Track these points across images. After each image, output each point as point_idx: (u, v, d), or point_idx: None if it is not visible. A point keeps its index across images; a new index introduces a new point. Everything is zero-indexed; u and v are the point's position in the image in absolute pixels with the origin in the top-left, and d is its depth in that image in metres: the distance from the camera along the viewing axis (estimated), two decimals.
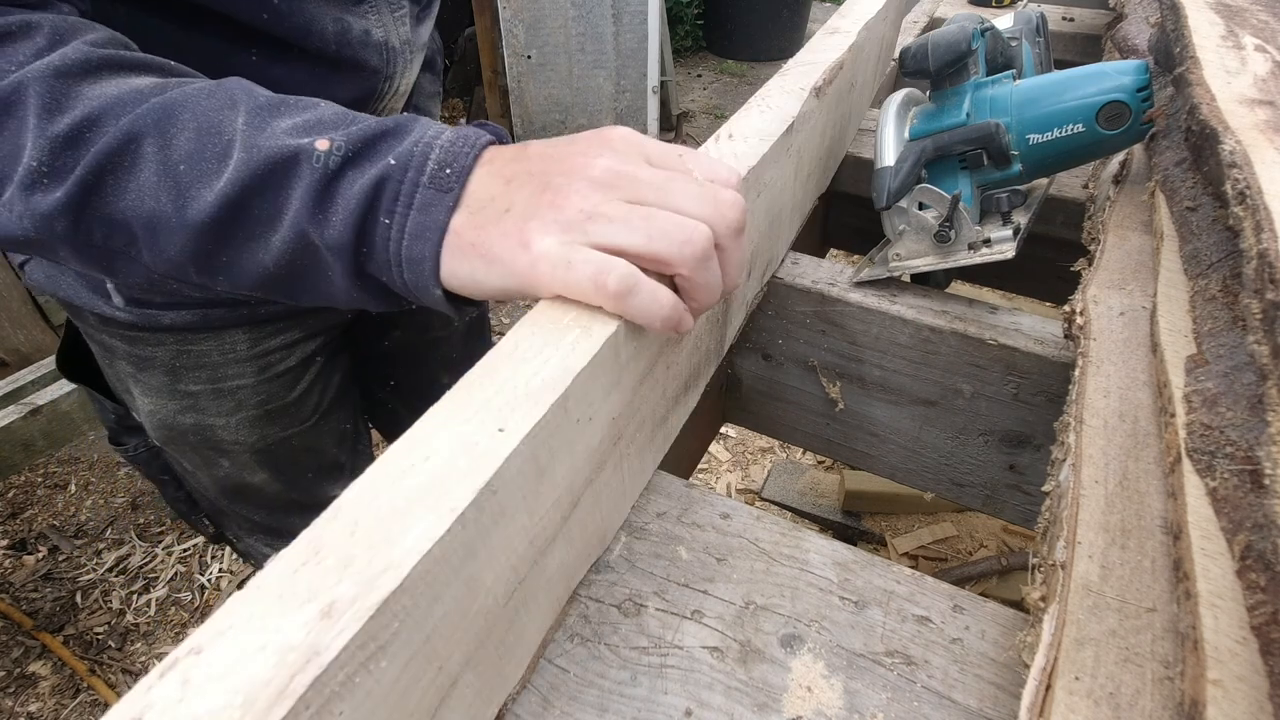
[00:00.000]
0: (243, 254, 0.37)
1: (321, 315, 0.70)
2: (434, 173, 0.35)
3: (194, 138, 0.35)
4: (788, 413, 0.75)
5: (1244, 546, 0.29)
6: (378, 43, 0.56)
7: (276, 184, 0.35)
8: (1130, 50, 0.82)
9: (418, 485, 0.26)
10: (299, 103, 0.37)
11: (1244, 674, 0.27)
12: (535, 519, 0.31)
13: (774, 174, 0.53)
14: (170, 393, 0.66)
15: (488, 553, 0.28)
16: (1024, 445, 0.63)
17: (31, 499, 1.75)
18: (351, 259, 0.36)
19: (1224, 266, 0.43)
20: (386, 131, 0.36)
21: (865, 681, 0.36)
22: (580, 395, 0.32)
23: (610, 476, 0.39)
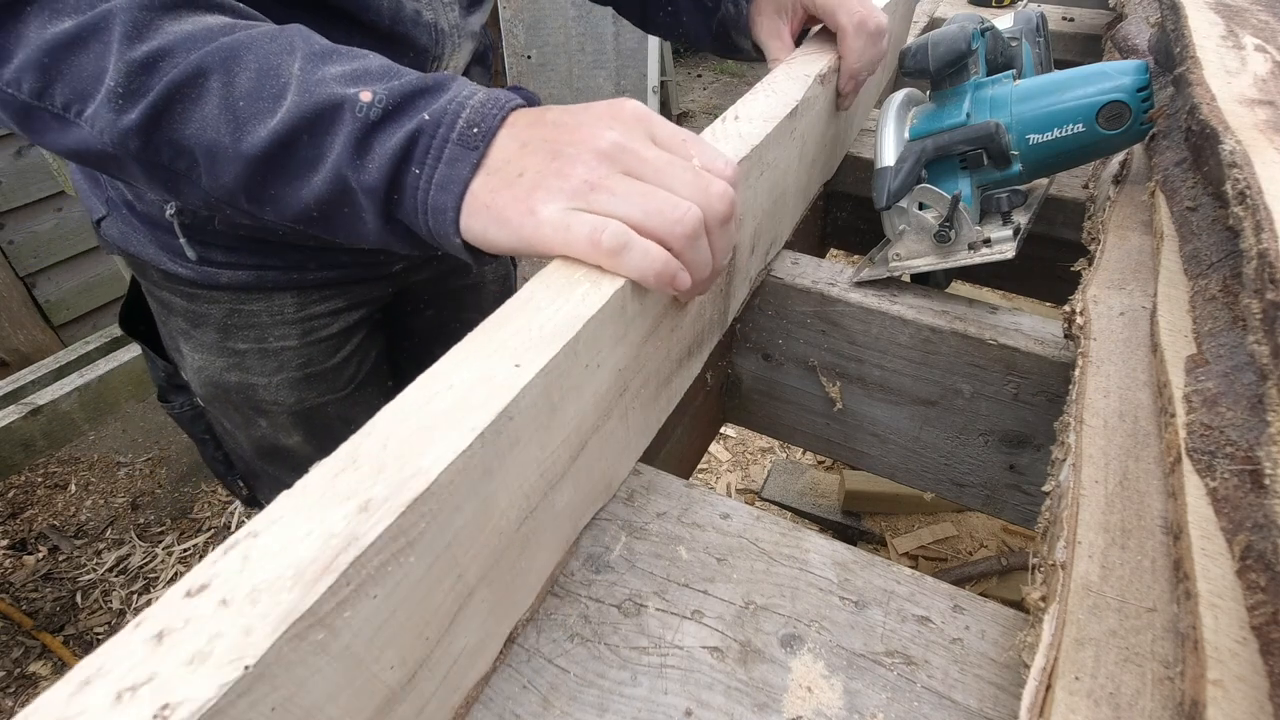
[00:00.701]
0: (288, 188, 0.40)
1: (366, 286, 0.74)
2: (463, 130, 0.38)
3: (254, 77, 0.38)
4: (788, 413, 0.75)
5: (1244, 546, 0.29)
6: (428, 23, 0.59)
7: (322, 128, 0.39)
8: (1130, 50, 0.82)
9: (442, 409, 0.29)
10: (350, 53, 0.41)
11: (1244, 674, 0.27)
12: (546, 452, 0.34)
13: (777, 154, 0.55)
14: (219, 350, 0.70)
15: (503, 475, 0.31)
16: (1024, 445, 0.63)
17: (31, 499, 1.75)
18: (383, 203, 0.39)
19: (1224, 266, 0.43)
20: (426, 88, 0.39)
21: (865, 681, 0.36)
22: (589, 341, 0.35)
23: (616, 427, 0.42)
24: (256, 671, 0.21)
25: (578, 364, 0.34)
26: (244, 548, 0.24)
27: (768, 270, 0.66)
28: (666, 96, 3.29)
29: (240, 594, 0.23)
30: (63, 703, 0.21)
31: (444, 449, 0.27)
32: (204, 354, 0.71)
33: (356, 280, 0.73)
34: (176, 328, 0.71)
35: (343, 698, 0.25)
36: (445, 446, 0.27)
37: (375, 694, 0.27)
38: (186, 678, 0.21)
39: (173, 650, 0.21)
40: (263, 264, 0.66)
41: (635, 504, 0.46)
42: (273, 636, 0.22)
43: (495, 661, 0.37)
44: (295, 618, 0.22)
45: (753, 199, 0.54)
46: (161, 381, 0.79)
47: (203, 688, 0.21)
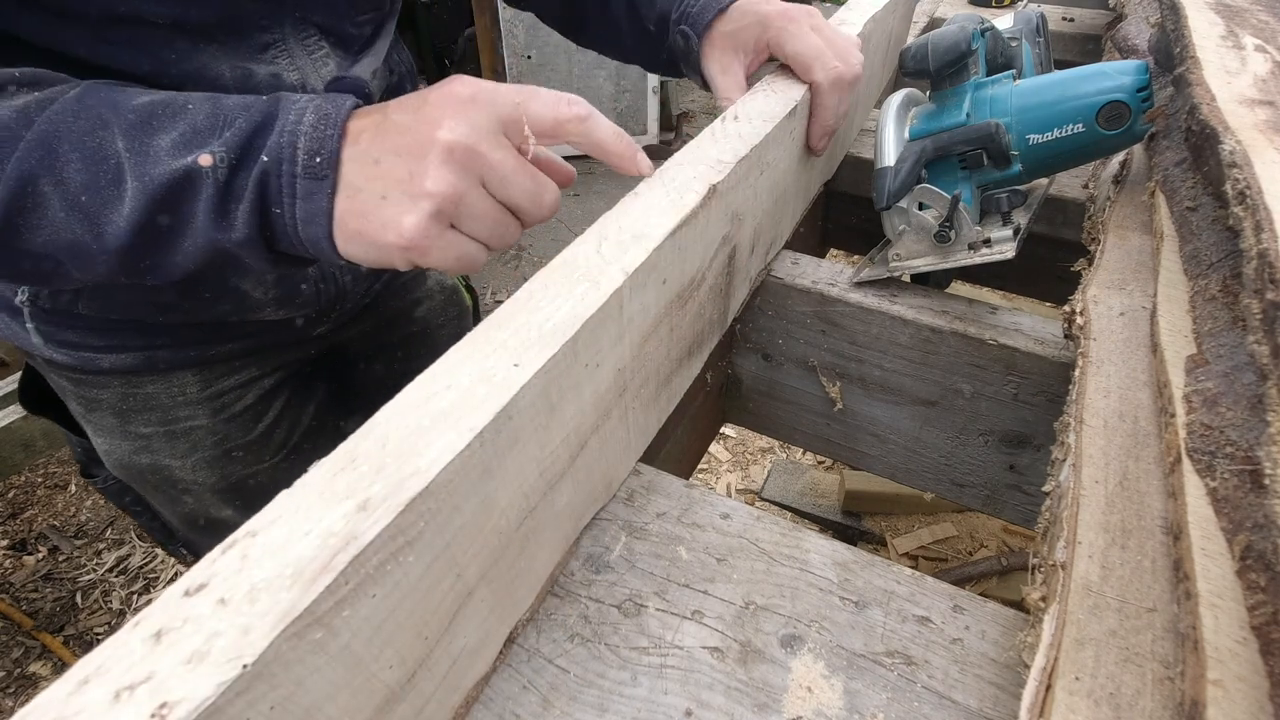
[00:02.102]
0: (164, 259, 0.40)
1: (279, 352, 0.68)
2: (305, 163, 0.37)
3: (83, 168, 0.37)
4: (788, 413, 0.75)
5: (1244, 546, 0.29)
6: (290, 86, 0.54)
7: (176, 204, 0.38)
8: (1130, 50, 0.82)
9: (441, 409, 0.29)
10: (167, 106, 0.38)
11: (1244, 674, 0.27)
12: (546, 452, 0.35)
13: (777, 154, 0.55)
14: (122, 434, 0.64)
15: (503, 475, 0.31)
16: (1024, 445, 0.63)
17: (31, 499, 1.75)
18: (261, 248, 0.39)
19: (1224, 266, 0.43)
20: (258, 126, 0.38)
21: (865, 681, 0.36)
22: (588, 341, 0.35)
23: (616, 426, 0.42)
24: (255, 670, 0.21)
25: (577, 363, 0.34)
26: (242, 546, 0.24)
27: (767, 270, 0.66)
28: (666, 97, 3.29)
29: (239, 593, 0.23)
30: (61, 701, 0.21)
31: (443, 448, 0.27)
32: (107, 438, 0.65)
33: (269, 347, 0.67)
34: (75, 410, 0.66)
35: (341, 697, 0.25)
36: (444, 446, 0.28)
37: (374, 693, 0.27)
38: (185, 677, 0.21)
39: (171, 649, 0.21)
40: (150, 344, 0.60)
41: (635, 504, 0.46)
42: (271, 635, 0.22)
43: (495, 661, 0.37)
44: (294, 616, 0.22)
45: (752, 198, 0.53)
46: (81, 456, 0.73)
47: (201, 687, 0.21)
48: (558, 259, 0.38)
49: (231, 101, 0.39)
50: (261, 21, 0.50)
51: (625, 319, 0.38)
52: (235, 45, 0.50)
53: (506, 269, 2.56)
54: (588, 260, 0.38)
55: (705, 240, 0.47)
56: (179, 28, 0.46)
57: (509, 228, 0.41)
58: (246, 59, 0.51)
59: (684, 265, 0.45)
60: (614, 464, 0.45)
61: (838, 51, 0.59)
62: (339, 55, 0.57)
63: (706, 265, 0.49)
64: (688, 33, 0.63)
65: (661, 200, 0.43)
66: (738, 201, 0.50)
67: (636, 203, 0.43)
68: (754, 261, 0.62)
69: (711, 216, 0.46)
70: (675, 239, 0.41)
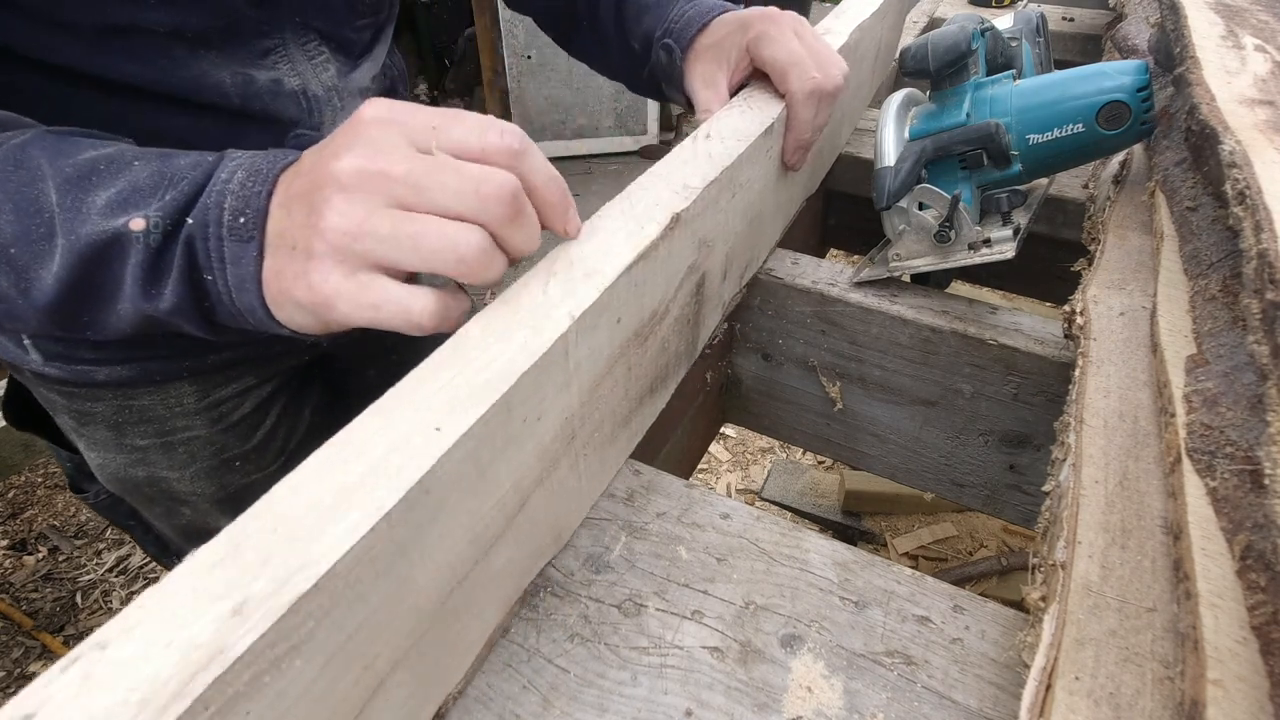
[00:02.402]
0: (99, 317, 0.37)
1: (274, 360, 0.67)
2: (230, 224, 0.34)
3: (15, 220, 0.35)
4: (788, 413, 0.75)
5: (1244, 546, 0.29)
6: (292, 92, 0.52)
7: (104, 267, 0.35)
8: (1130, 50, 0.82)
9: (347, 482, 0.26)
10: (112, 163, 0.36)
11: (1244, 674, 0.27)
12: (477, 518, 0.31)
13: (751, 174, 0.53)
14: (117, 447, 0.63)
15: (421, 552, 0.28)
16: (1024, 445, 0.63)
17: (31, 499, 1.75)
18: (197, 315, 0.36)
19: (1224, 266, 0.43)
20: (199, 188, 0.35)
21: (865, 681, 0.36)
22: (526, 395, 0.31)
23: (565, 475, 0.39)
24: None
25: (513, 419, 0.31)
26: (86, 664, 0.20)
27: (756, 277, 0.66)
28: None
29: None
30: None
31: (343, 533, 0.24)
32: (101, 451, 0.63)
33: (265, 355, 0.65)
34: (66, 425, 0.63)
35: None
36: (345, 530, 0.24)
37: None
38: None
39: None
40: (145, 355, 0.58)
41: (635, 504, 0.46)
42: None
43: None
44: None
45: (724, 223, 0.50)
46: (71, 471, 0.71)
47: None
48: (501, 297, 0.34)
49: (184, 160, 0.36)
50: (261, 27, 0.50)
51: (572, 365, 0.35)
52: (235, 51, 0.49)
53: None
54: (532, 300, 0.34)
55: (668, 272, 0.43)
56: (177, 35, 0.45)
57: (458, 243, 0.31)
58: (247, 65, 0.50)
59: (642, 301, 0.41)
60: (565, 513, 0.41)
61: (818, 61, 0.55)
62: (339, 60, 0.56)
63: (670, 297, 0.46)
64: (671, 46, 0.60)
65: (620, 230, 0.40)
66: (707, 227, 0.47)
67: (593, 233, 0.40)
68: (727, 287, 0.59)
69: (675, 247, 0.43)
70: (631, 275, 0.38)
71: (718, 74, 0.58)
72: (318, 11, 0.53)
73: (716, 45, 0.59)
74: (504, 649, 0.38)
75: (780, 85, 0.55)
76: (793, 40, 0.55)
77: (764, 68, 0.56)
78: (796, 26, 0.57)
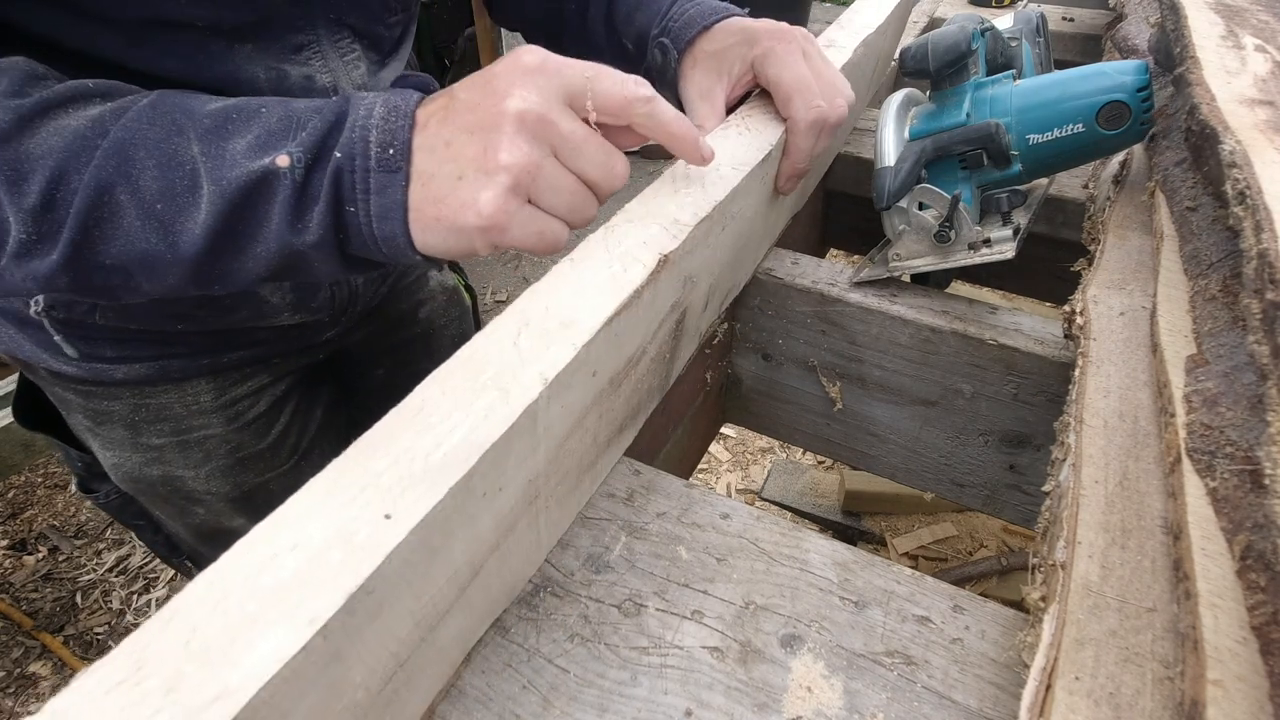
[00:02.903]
0: (234, 267, 0.39)
1: (290, 357, 0.68)
2: (379, 155, 0.36)
3: (158, 175, 0.36)
4: (788, 413, 0.75)
5: (1244, 546, 0.29)
6: (323, 88, 0.53)
7: (253, 208, 0.37)
8: (1130, 50, 0.82)
9: (277, 583, 0.22)
10: (241, 111, 0.38)
11: (1244, 674, 0.27)
12: (424, 601, 0.28)
13: (744, 205, 0.50)
14: (133, 445, 0.63)
15: (359, 652, 0.25)
16: (1024, 445, 0.63)
17: (31, 499, 1.75)
18: (334, 249, 0.38)
19: (1224, 266, 0.43)
20: (330, 126, 0.37)
21: (865, 681, 0.36)
22: (489, 471, 0.28)
23: (523, 534, 0.37)
24: None
25: (472, 497, 0.28)
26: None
27: (756, 277, 0.66)
28: None
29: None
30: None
31: (267, 653, 0.21)
32: (116, 450, 0.63)
33: (279, 354, 0.66)
34: (80, 424, 0.64)
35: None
36: (270, 649, 0.21)
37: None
38: None
39: None
40: (164, 353, 0.59)
41: (635, 504, 0.46)
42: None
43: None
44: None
45: (711, 257, 0.48)
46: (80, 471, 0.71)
47: None
48: (464, 350, 0.32)
49: (303, 104, 0.38)
50: (296, 23, 0.50)
51: (541, 429, 0.32)
52: (269, 46, 0.49)
53: (506, 269, 2.56)
54: (501, 356, 0.31)
55: (651, 315, 0.41)
56: (215, 30, 0.46)
57: (586, 201, 0.39)
58: (281, 60, 0.50)
59: (621, 350, 0.39)
60: (519, 570, 0.39)
61: (824, 87, 0.53)
62: (370, 57, 0.57)
63: (649, 339, 0.43)
64: (667, 46, 0.58)
65: (602, 272, 0.38)
66: (694, 265, 0.45)
67: (571, 274, 0.37)
68: (705, 318, 0.56)
69: (661, 289, 0.41)
70: (612, 327, 0.35)
71: (716, 87, 0.56)
72: (352, 7, 0.53)
73: (718, 55, 0.56)
74: (504, 649, 0.38)
75: (783, 110, 0.54)
76: (800, 63, 0.53)
77: (768, 87, 0.55)
78: (805, 46, 0.55)
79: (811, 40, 0.56)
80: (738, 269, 0.60)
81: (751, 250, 0.62)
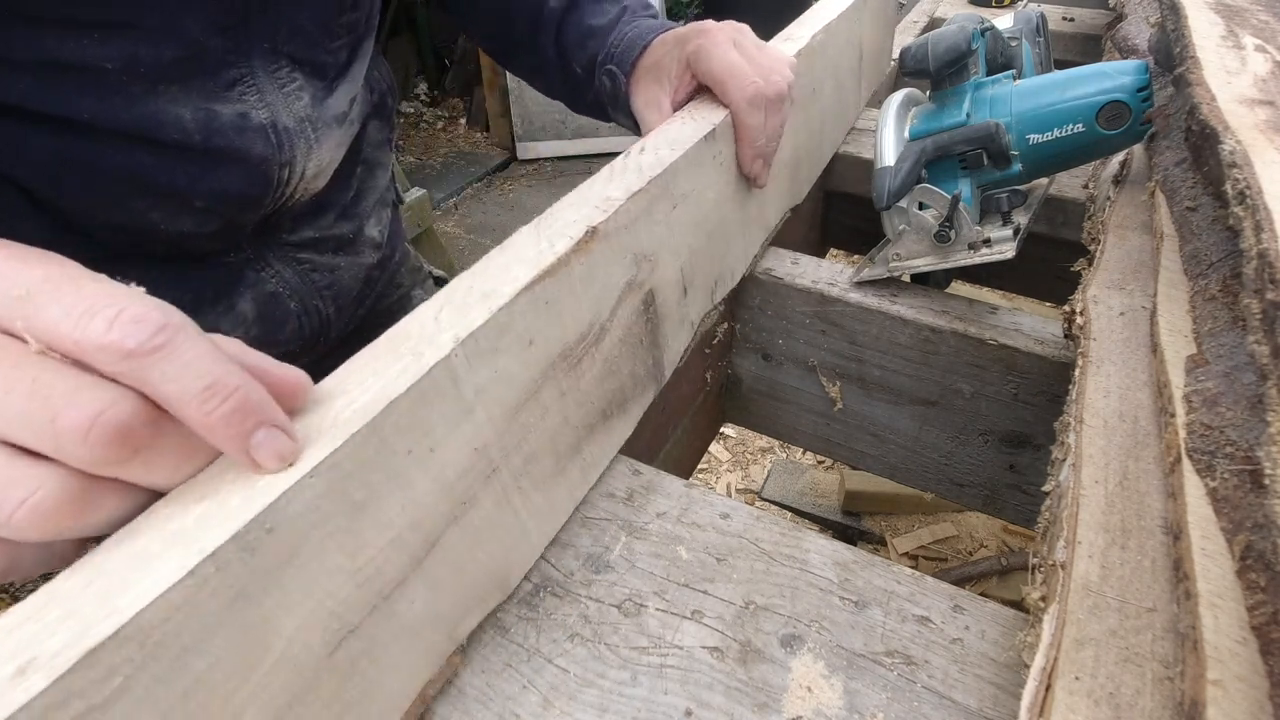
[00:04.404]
0: None
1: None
2: None
3: None
4: (788, 413, 0.75)
5: (1244, 546, 0.29)
6: (260, 126, 0.48)
7: None
8: (1130, 50, 0.82)
9: (181, 528, 0.23)
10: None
11: (1244, 674, 0.27)
12: (361, 560, 0.29)
13: (694, 184, 0.51)
14: None
15: (280, 597, 0.25)
16: (1024, 445, 0.63)
17: None
18: None
19: (1224, 266, 0.43)
20: None
21: (865, 681, 0.36)
22: (405, 426, 0.29)
23: (495, 513, 0.36)
24: None
25: (387, 451, 0.29)
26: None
27: (756, 277, 0.66)
28: None
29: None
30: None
31: (156, 579, 0.22)
32: None
33: None
34: None
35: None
36: (160, 574, 0.22)
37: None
38: None
39: None
40: None
41: (635, 504, 0.46)
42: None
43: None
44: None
45: (667, 235, 0.48)
46: None
47: None
48: (389, 330, 0.33)
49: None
50: (227, 57, 0.46)
51: (470, 391, 0.33)
52: (198, 85, 0.45)
53: None
54: (421, 329, 0.32)
55: (596, 290, 0.41)
56: (130, 71, 0.42)
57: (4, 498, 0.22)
58: (210, 99, 0.46)
59: (563, 321, 0.39)
60: (507, 555, 0.38)
61: (759, 68, 0.54)
62: (314, 86, 0.52)
63: (607, 316, 0.43)
64: (614, 72, 0.60)
65: (528, 249, 0.38)
66: (642, 241, 0.45)
67: (500, 255, 0.38)
68: (692, 303, 0.55)
69: (597, 261, 0.41)
70: (535, 293, 0.36)
71: (661, 95, 0.58)
72: (290, 36, 0.49)
73: (656, 66, 0.58)
74: (504, 649, 0.38)
75: (722, 97, 0.54)
76: (730, 51, 0.54)
77: (705, 81, 0.56)
78: (735, 36, 0.56)
79: (743, 30, 0.58)
80: (722, 256, 0.59)
81: (736, 238, 0.61)
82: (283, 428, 0.26)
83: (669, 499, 0.46)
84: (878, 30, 0.94)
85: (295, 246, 0.59)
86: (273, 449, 0.25)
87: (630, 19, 0.63)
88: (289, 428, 0.26)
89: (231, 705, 0.25)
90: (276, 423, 0.25)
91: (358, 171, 0.64)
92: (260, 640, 0.25)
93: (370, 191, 0.66)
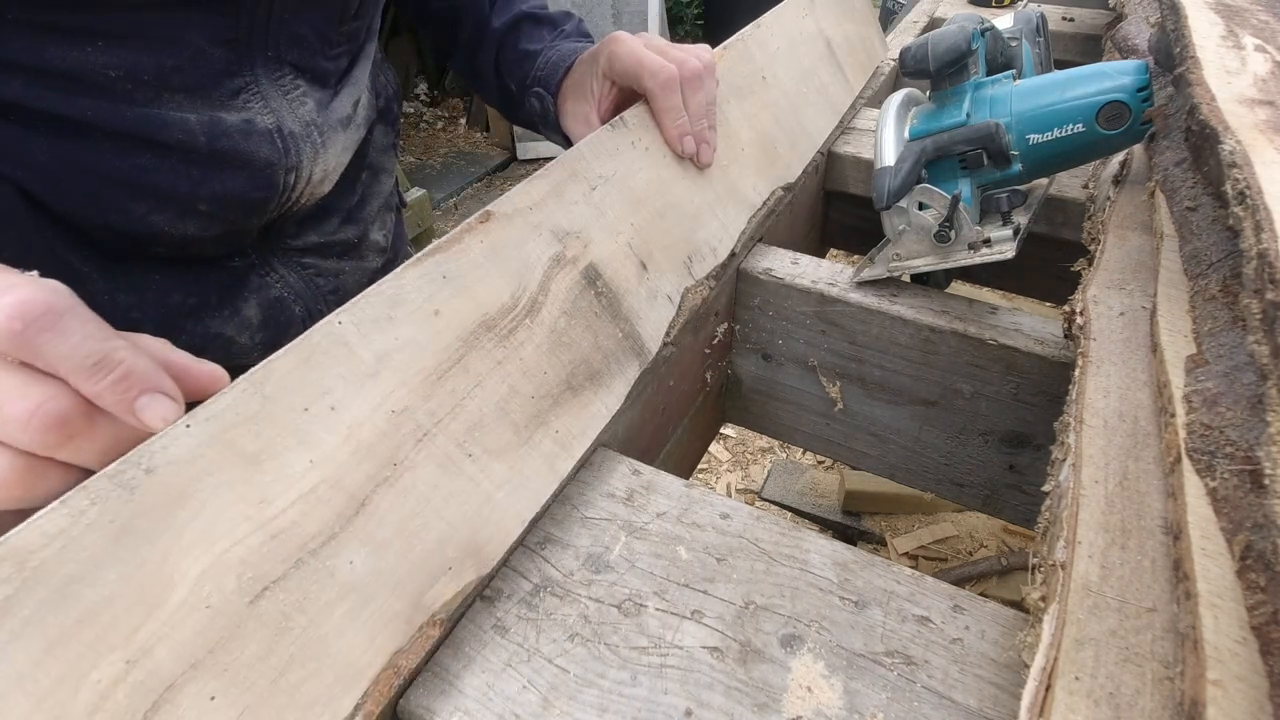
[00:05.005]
0: None
1: None
2: None
3: None
4: (788, 413, 0.75)
5: (1244, 546, 0.29)
6: (265, 131, 0.49)
7: None
8: (1130, 50, 0.82)
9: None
10: None
11: (1244, 674, 0.27)
12: (271, 511, 0.30)
13: (612, 167, 0.54)
14: None
15: (175, 538, 0.27)
16: (1024, 445, 0.63)
17: None
18: None
19: (1224, 266, 0.43)
20: None
21: (865, 681, 0.36)
22: (293, 384, 0.33)
23: (441, 479, 0.37)
24: None
25: (275, 406, 0.31)
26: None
27: (755, 277, 0.66)
28: None
29: None
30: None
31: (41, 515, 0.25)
32: None
33: None
34: None
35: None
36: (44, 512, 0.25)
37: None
38: None
39: None
40: None
41: (635, 504, 0.46)
42: None
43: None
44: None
45: (593, 215, 0.51)
46: None
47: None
48: None
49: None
50: (230, 67, 0.47)
51: (368, 355, 0.35)
52: (203, 93, 0.46)
53: None
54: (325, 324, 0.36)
55: (509, 264, 0.44)
56: (134, 79, 0.43)
57: None
58: (215, 107, 0.47)
59: (473, 293, 0.41)
60: (471, 524, 0.38)
61: (670, 58, 0.56)
62: (317, 92, 0.53)
63: (536, 289, 0.45)
64: (542, 94, 0.64)
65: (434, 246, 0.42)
66: (558, 220, 0.48)
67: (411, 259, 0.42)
68: (664, 279, 0.55)
69: (501, 239, 0.43)
70: (425, 267, 0.39)
71: (588, 110, 0.61)
72: (291, 45, 0.50)
73: (579, 84, 0.62)
74: (504, 649, 0.38)
75: (639, 90, 0.57)
76: (639, 48, 0.57)
77: (621, 82, 0.59)
78: (645, 40, 0.59)
79: (650, 35, 0.61)
80: (684, 233, 0.58)
81: (699, 216, 0.61)
82: (168, 393, 0.29)
83: (669, 499, 0.46)
84: (843, 19, 0.95)
85: (300, 251, 0.60)
86: (156, 412, 0.28)
87: (554, 43, 0.66)
88: (175, 393, 0.29)
89: (137, 639, 0.26)
90: (162, 389, 0.28)
91: (363, 176, 0.64)
92: (159, 577, 0.27)
93: (375, 196, 0.67)
